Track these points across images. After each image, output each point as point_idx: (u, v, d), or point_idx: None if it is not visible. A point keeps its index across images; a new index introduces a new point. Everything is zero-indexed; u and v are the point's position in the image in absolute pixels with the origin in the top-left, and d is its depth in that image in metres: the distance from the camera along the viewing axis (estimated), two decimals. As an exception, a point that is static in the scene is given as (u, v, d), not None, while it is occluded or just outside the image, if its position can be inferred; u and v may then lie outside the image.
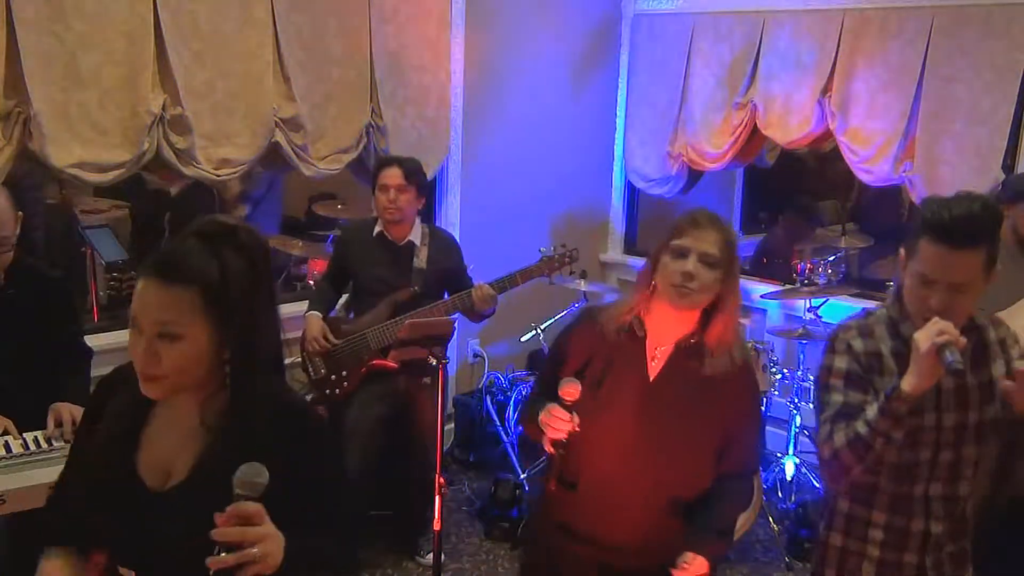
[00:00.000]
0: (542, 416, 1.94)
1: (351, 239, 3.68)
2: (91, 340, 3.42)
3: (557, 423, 1.90)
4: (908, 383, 1.72)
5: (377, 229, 3.56)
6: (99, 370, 3.44)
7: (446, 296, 3.59)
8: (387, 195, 3.44)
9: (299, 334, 3.62)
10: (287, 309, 4.02)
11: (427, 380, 3.59)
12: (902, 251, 1.85)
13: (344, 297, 3.78)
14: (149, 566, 1.45)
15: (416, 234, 3.57)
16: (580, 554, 2.06)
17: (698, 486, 2.01)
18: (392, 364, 3.47)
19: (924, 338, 1.70)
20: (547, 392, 2.00)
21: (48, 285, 2.69)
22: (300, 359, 3.60)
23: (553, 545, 2.12)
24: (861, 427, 1.80)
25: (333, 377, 3.51)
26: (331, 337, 3.47)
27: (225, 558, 1.28)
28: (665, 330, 1.98)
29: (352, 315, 3.65)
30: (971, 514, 1.99)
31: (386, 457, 3.60)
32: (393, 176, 3.44)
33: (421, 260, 3.54)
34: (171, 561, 1.40)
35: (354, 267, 3.60)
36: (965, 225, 1.71)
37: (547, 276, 3.52)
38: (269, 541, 1.32)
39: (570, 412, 1.91)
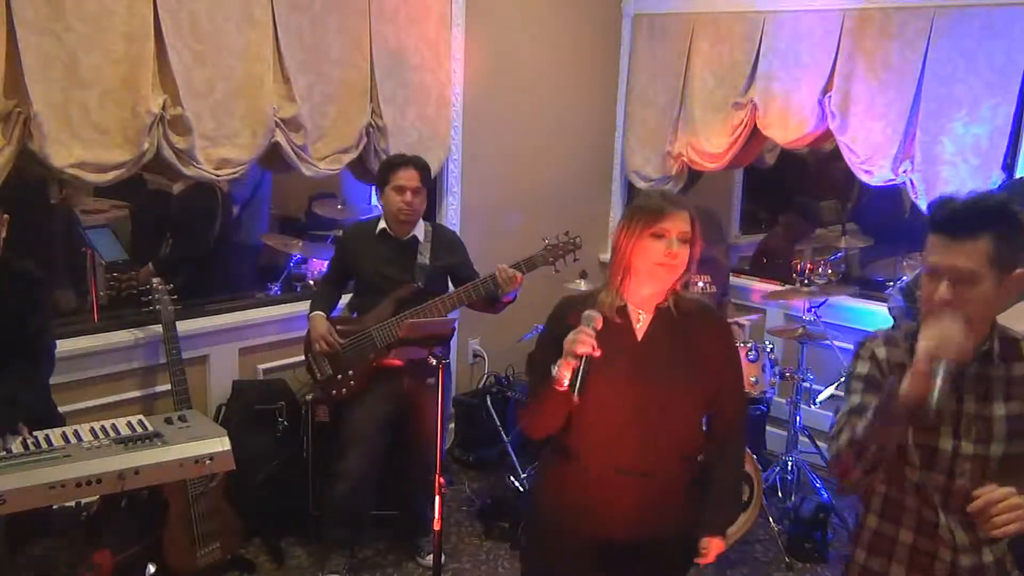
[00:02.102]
0: (568, 339, 1.98)
1: (353, 238, 3.66)
2: (91, 340, 3.44)
3: (584, 338, 1.96)
4: (904, 383, 1.66)
5: (380, 226, 3.55)
6: (100, 370, 3.45)
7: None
8: (404, 197, 3.44)
9: (302, 334, 3.63)
10: (286, 309, 4.03)
11: (431, 381, 3.57)
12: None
13: (347, 297, 3.77)
14: None
15: (419, 230, 3.56)
16: (582, 531, 2.16)
17: (696, 438, 2.19)
18: (398, 362, 3.46)
19: (922, 347, 1.66)
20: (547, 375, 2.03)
21: (28, 283, 2.68)
22: (305, 360, 3.61)
23: (554, 525, 2.22)
24: (860, 426, 1.77)
25: (339, 377, 3.50)
26: (337, 336, 3.48)
27: None
28: (644, 299, 2.15)
29: (356, 314, 3.64)
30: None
31: (389, 457, 3.59)
32: (412, 178, 3.44)
33: (424, 256, 3.54)
34: None
35: (357, 265, 3.59)
36: (964, 215, 1.70)
37: (552, 263, 3.49)
38: None
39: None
